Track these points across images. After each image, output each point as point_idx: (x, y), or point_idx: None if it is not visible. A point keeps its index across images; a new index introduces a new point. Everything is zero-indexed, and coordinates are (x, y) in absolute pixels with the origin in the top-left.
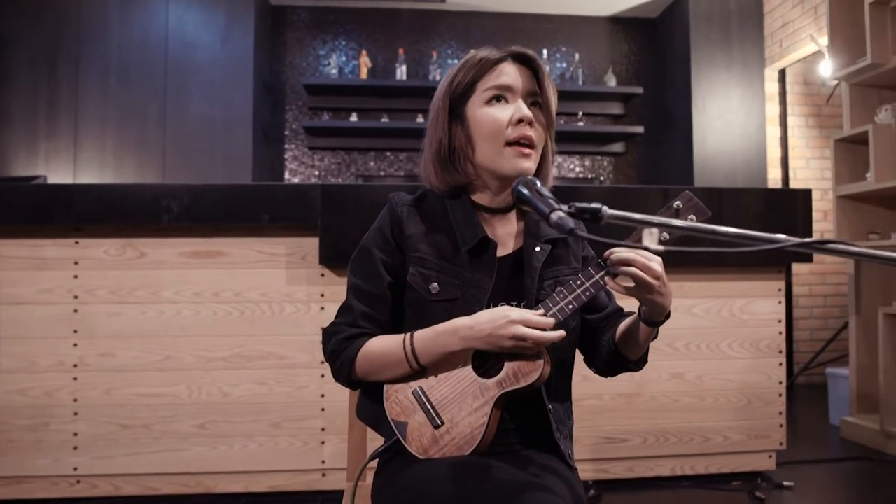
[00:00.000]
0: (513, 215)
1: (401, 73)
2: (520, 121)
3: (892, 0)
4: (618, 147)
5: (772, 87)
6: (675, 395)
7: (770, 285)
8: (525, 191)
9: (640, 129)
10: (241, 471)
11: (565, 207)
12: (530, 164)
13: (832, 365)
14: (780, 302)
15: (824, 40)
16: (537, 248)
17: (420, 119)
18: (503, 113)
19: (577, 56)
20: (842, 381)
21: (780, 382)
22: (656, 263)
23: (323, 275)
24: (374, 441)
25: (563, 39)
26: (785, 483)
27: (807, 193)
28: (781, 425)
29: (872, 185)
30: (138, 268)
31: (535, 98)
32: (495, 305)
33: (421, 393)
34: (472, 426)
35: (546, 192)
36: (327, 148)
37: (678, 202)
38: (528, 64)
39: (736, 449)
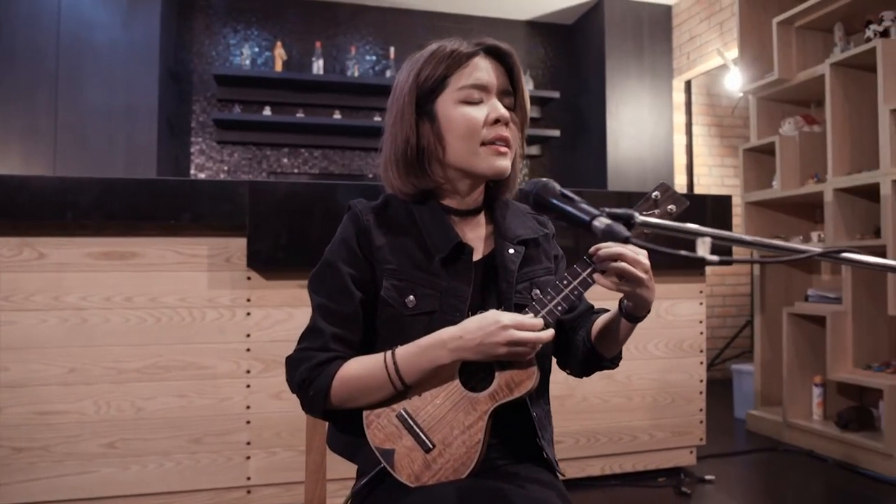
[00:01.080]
0: (482, 217)
1: (318, 67)
2: (496, 121)
3: (797, 20)
4: (534, 150)
5: (679, 97)
6: (606, 395)
7: (692, 287)
8: (554, 200)
9: (556, 133)
10: (157, 492)
11: (604, 213)
12: (507, 163)
13: (735, 361)
14: (701, 303)
15: (730, 54)
16: (511, 250)
17: (337, 115)
18: (478, 112)
19: None
20: (746, 377)
21: (701, 380)
22: (643, 257)
23: (249, 278)
24: (336, 463)
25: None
26: (706, 477)
27: (727, 199)
28: (701, 421)
29: (779, 193)
30: (37, 270)
31: (509, 96)
32: (473, 314)
33: (406, 415)
34: (467, 445)
35: (572, 194)
36: (238, 142)
37: (656, 192)
38: (501, 59)
39: (661, 446)
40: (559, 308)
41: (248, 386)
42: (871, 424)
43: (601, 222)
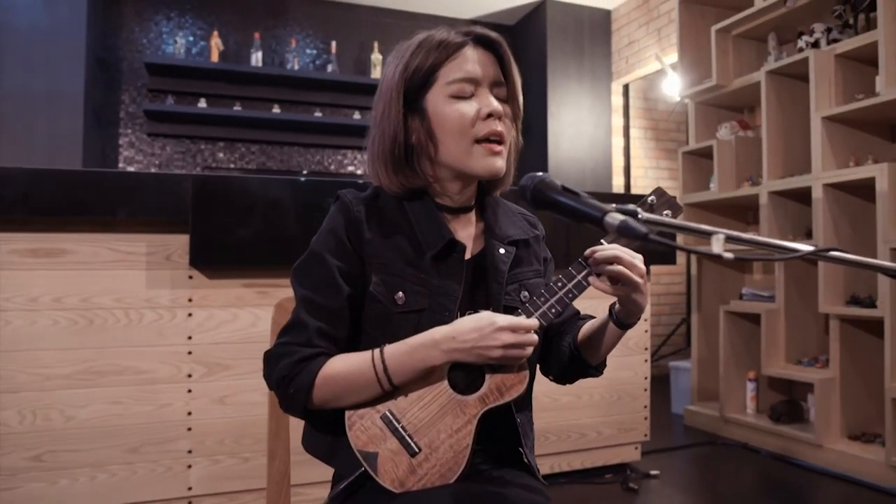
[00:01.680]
0: (472, 215)
1: (256, 59)
2: (489, 115)
3: (734, 29)
4: None
5: (617, 100)
6: (556, 394)
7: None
8: (557, 195)
9: None
10: None
11: (614, 208)
12: (503, 163)
13: (671, 358)
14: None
15: (668, 59)
16: (501, 250)
17: (276, 109)
18: (469, 107)
19: None
20: (683, 374)
21: (646, 378)
22: (639, 261)
23: (191, 277)
24: (302, 464)
25: None
26: (651, 472)
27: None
28: (646, 418)
29: (716, 194)
30: None
31: (500, 87)
32: (463, 314)
33: (392, 417)
34: (455, 450)
35: (575, 189)
36: (170, 135)
37: (652, 197)
38: (491, 48)
39: (608, 443)
40: (553, 311)
41: (190, 391)
42: (800, 417)
43: (615, 217)
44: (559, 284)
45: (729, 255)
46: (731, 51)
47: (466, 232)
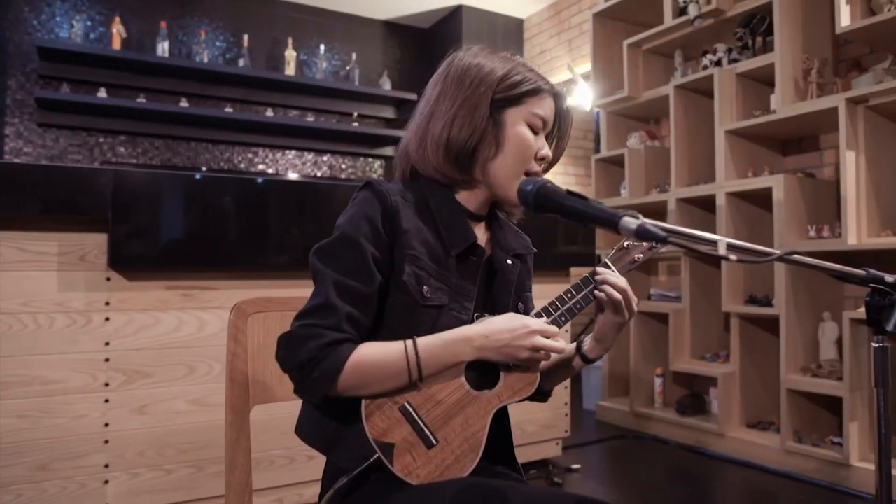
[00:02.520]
0: (483, 224)
1: (162, 49)
2: (542, 158)
3: (644, 44)
4: (389, 151)
5: None
6: None
7: (559, 288)
8: (563, 199)
9: None
10: None
11: (628, 213)
12: None
13: None
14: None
15: (579, 69)
16: (509, 261)
17: (184, 103)
18: (536, 142)
19: (353, 56)
20: (594, 371)
21: None
22: (635, 302)
23: (109, 278)
24: (267, 471)
25: (340, 37)
26: (573, 466)
27: None
28: (567, 414)
29: (627, 200)
30: None
31: (549, 139)
32: (480, 316)
33: (411, 408)
34: (470, 444)
35: (581, 194)
36: (64, 126)
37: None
38: (559, 104)
39: (531, 440)
40: (563, 319)
41: (107, 401)
42: (703, 409)
43: (631, 221)
44: (569, 295)
45: (733, 258)
46: (641, 64)
47: (481, 239)
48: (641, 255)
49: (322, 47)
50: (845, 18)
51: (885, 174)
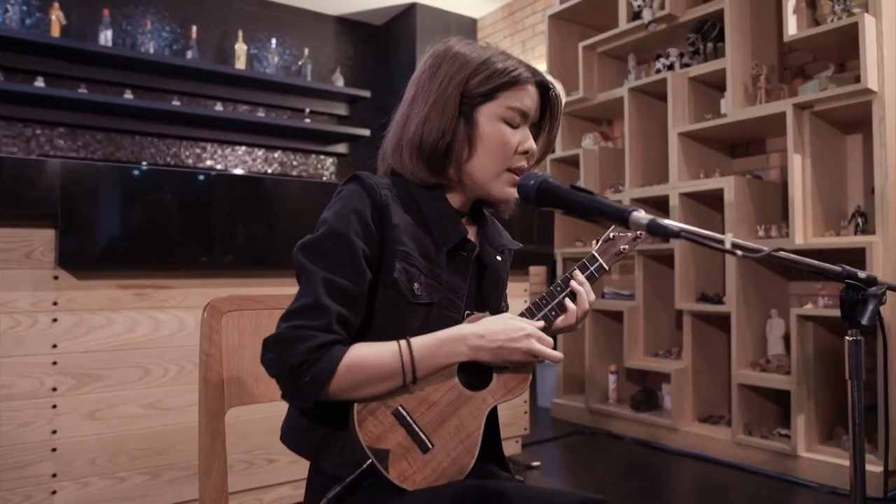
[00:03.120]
0: (469, 220)
1: (105, 38)
2: (525, 152)
3: (598, 47)
4: (342, 148)
5: None
6: None
7: (519, 286)
8: (569, 193)
9: (365, 133)
10: None
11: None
12: (516, 192)
13: None
14: (525, 301)
15: None
16: (499, 257)
17: (128, 95)
18: (515, 137)
19: (306, 51)
20: (549, 369)
21: None
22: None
23: (57, 277)
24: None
25: (292, 31)
26: (533, 463)
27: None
28: (526, 412)
29: None
30: None
31: (535, 128)
32: (470, 313)
33: (405, 412)
34: (466, 445)
35: (587, 188)
36: None
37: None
38: (545, 93)
39: None
40: (553, 314)
41: (55, 406)
42: (656, 404)
43: (643, 216)
44: (557, 289)
45: (739, 253)
46: (596, 67)
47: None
48: (626, 247)
49: (273, 41)
50: (792, 28)
51: (828, 177)
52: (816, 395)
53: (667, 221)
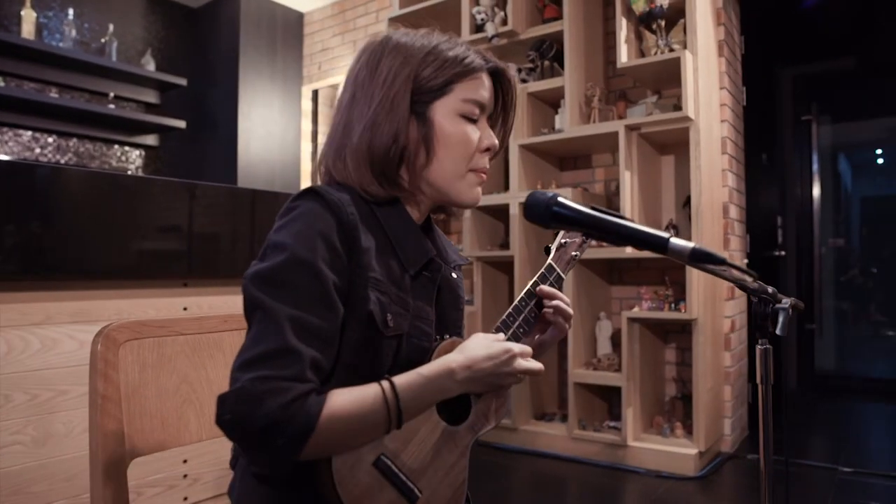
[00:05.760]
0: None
1: None
2: (487, 149)
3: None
4: (151, 140)
5: (307, 104)
6: None
7: None
8: (603, 214)
9: (181, 124)
10: None
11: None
12: (481, 192)
13: None
14: None
15: None
16: (454, 275)
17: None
18: (476, 134)
19: (110, 27)
20: None
21: None
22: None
23: None
24: None
25: (93, 3)
26: None
27: None
28: None
29: None
30: None
31: (491, 118)
32: (441, 339)
33: (387, 461)
34: (453, 486)
35: (606, 209)
36: None
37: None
38: (500, 82)
39: None
40: (521, 330)
41: None
42: None
43: (682, 243)
44: (523, 303)
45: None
46: None
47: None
48: (577, 253)
49: (71, 12)
50: (624, 56)
51: (649, 192)
52: (642, 390)
53: (711, 249)
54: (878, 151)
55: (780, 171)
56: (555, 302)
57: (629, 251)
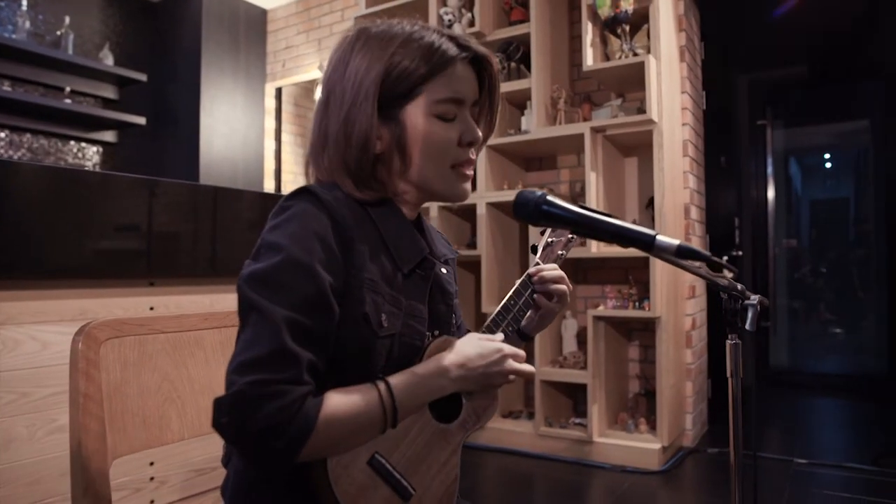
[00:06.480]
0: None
1: None
2: (469, 143)
3: None
4: (109, 136)
5: (270, 102)
6: None
7: None
8: (593, 212)
9: (140, 121)
10: None
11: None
12: (470, 187)
13: None
14: None
15: None
16: (444, 270)
17: None
18: (453, 132)
19: (66, 20)
20: None
21: None
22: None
23: None
24: None
25: None
26: None
27: None
28: None
29: None
30: None
31: (476, 106)
32: (434, 338)
33: (381, 459)
34: (446, 484)
35: (591, 207)
36: None
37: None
38: (480, 67)
39: None
40: (510, 328)
41: None
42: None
43: (669, 239)
44: (511, 302)
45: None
46: None
47: None
48: (563, 252)
49: (24, 2)
50: (590, 59)
51: (613, 193)
52: (606, 387)
53: (696, 246)
54: (827, 156)
55: (738, 174)
56: (560, 287)
57: (594, 250)
